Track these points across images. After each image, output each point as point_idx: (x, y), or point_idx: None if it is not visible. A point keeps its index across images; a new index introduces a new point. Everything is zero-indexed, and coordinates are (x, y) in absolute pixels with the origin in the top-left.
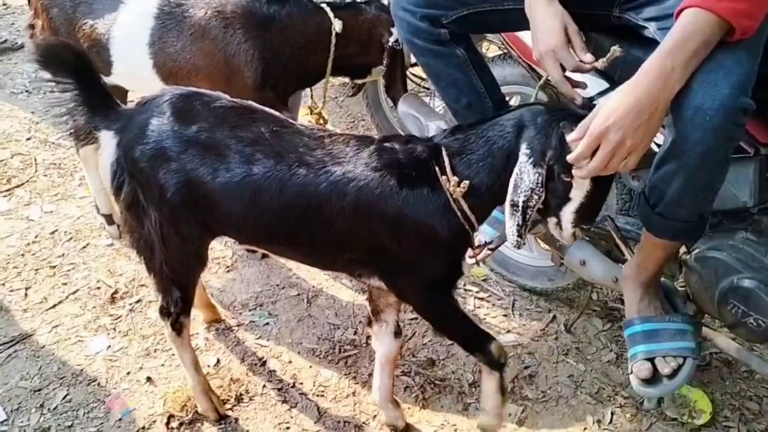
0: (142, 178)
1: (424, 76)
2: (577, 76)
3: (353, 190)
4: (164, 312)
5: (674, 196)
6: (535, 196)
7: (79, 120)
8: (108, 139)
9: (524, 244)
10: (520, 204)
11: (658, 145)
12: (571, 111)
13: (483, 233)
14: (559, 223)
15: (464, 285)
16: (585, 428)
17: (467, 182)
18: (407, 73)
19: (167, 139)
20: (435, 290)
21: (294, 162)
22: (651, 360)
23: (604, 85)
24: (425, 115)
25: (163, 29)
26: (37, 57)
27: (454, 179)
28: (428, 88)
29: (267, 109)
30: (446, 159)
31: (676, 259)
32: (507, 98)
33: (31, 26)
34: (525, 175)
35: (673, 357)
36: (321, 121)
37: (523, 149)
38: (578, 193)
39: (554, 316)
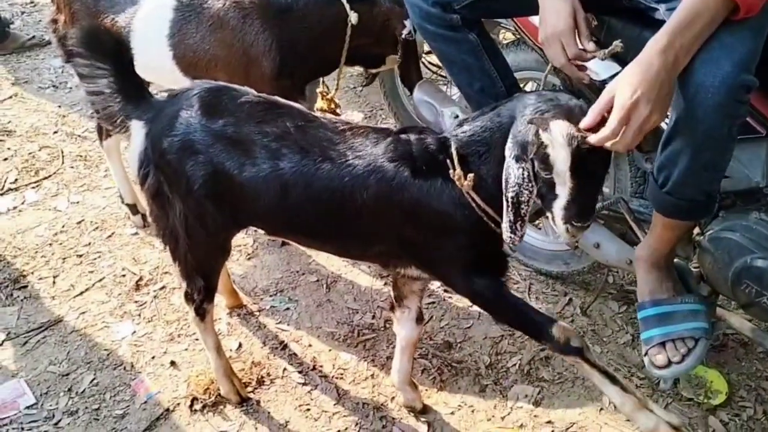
0: (169, 170)
1: (440, 63)
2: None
3: (373, 182)
4: (188, 298)
5: (681, 175)
6: (525, 192)
7: (113, 107)
8: (138, 129)
9: (519, 240)
10: (509, 199)
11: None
12: (559, 101)
13: None
14: (553, 219)
15: None
16: (601, 409)
17: (472, 175)
18: (422, 61)
19: (195, 132)
20: (475, 276)
21: (318, 156)
22: (663, 344)
23: (616, 68)
24: (440, 101)
25: (182, 21)
26: (78, 40)
27: (459, 172)
28: (444, 76)
29: (292, 103)
30: (454, 151)
31: (690, 241)
32: (522, 84)
33: (54, 21)
34: (510, 170)
35: (685, 340)
36: (332, 106)
37: (508, 144)
38: (562, 189)
39: (570, 299)
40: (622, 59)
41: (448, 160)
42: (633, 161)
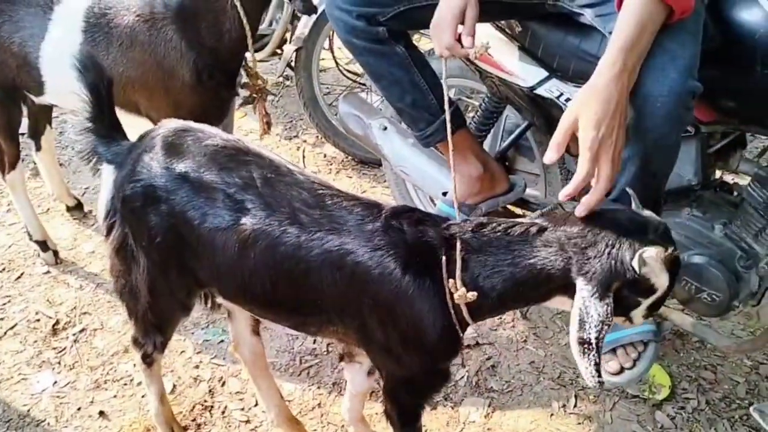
0: (133, 220)
1: (359, 71)
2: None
3: (350, 263)
4: (137, 345)
5: (628, 183)
6: (606, 327)
7: (85, 147)
8: (107, 174)
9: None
10: (593, 340)
11: None
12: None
13: None
14: (627, 320)
15: None
16: (552, 414)
17: (475, 294)
18: (340, 69)
19: (156, 177)
20: (411, 390)
21: (286, 218)
22: (614, 350)
23: (543, 74)
24: (367, 113)
25: (92, 43)
26: (81, 66)
27: (463, 290)
28: (364, 84)
29: (263, 151)
30: (459, 257)
31: None
32: (450, 91)
33: None
34: (592, 311)
35: (634, 344)
36: (258, 82)
37: (583, 285)
38: (653, 296)
39: None
40: (549, 64)
41: (444, 262)
42: (563, 164)
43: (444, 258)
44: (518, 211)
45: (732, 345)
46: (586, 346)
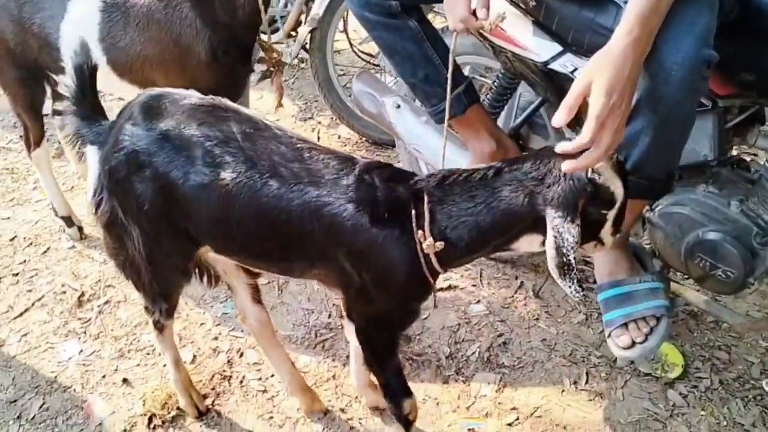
0: (120, 192)
1: (373, 52)
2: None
3: (327, 214)
4: (149, 312)
5: (642, 155)
6: (576, 245)
7: (69, 130)
8: (92, 155)
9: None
10: (572, 261)
11: None
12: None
13: None
14: (598, 243)
15: None
16: (563, 390)
17: (442, 243)
18: (355, 50)
19: (138, 142)
20: (381, 327)
21: (267, 171)
22: (626, 324)
23: (557, 48)
24: (380, 91)
25: (110, 23)
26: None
27: (430, 240)
28: (378, 65)
29: (240, 107)
30: (426, 210)
31: (640, 218)
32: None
33: None
34: (566, 234)
35: (646, 319)
36: (275, 55)
37: (553, 213)
38: (612, 211)
39: (522, 283)
40: (563, 38)
41: (414, 215)
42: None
43: (413, 211)
44: None
45: (746, 323)
46: (566, 268)
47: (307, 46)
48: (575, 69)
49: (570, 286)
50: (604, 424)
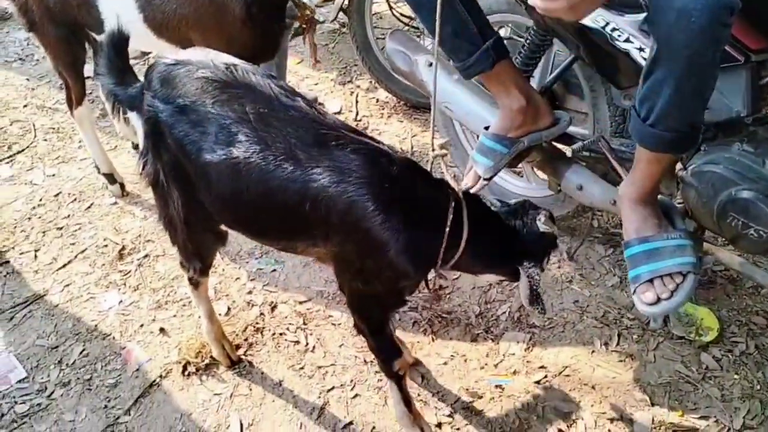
0: (157, 155)
1: (411, 15)
2: None
3: (345, 202)
4: (184, 268)
5: (664, 106)
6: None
7: (105, 91)
8: (135, 118)
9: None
10: (539, 292)
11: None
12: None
13: (477, 164)
14: None
15: None
16: (593, 351)
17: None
18: (394, 12)
19: (159, 113)
20: (373, 305)
21: (281, 153)
22: (652, 280)
23: None
24: (413, 50)
25: None
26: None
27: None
28: (417, 28)
29: (257, 83)
30: (466, 221)
31: (673, 176)
32: (496, 28)
33: None
34: (536, 277)
35: (673, 275)
36: (307, 12)
37: (527, 265)
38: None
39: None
40: None
41: (449, 222)
42: (611, 100)
43: (450, 217)
44: (562, 147)
45: None
46: (537, 298)
47: (346, 9)
48: (607, 23)
49: (539, 311)
50: (634, 384)
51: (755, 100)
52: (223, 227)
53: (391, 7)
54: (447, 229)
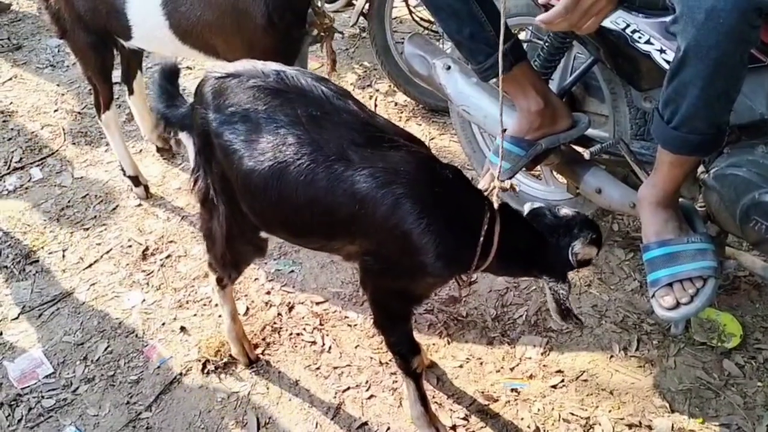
0: (208, 171)
1: (431, 19)
2: None
3: (394, 201)
4: (213, 270)
5: (690, 108)
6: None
7: (164, 125)
8: (185, 138)
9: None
10: (569, 306)
11: (667, 61)
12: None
13: (495, 167)
14: None
15: None
16: (611, 356)
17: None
18: (413, 16)
19: (209, 125)
20: (398, 301)
21: (333, 155)
22: (671, 285)
23: None
24: (431, 53)
25: None
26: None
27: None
28: (436, 32)
29: (308, 87)
30: (497, 227)
31: (695, 180)
32: (515, 31)
33: None
34: (560, 290)
35: (693, 280)
36: (326, 21)
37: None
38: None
39: None
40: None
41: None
42: (632, 102)
43: (486, 225)
44: (580, 149)
45: None
46: (566, 312)
47: (366, 14)
48: (627, 26)
49: (573, 324)
50: (653, 390)
51: None
52: (264, 235)
53: (410, 12)
54: (481, 239)
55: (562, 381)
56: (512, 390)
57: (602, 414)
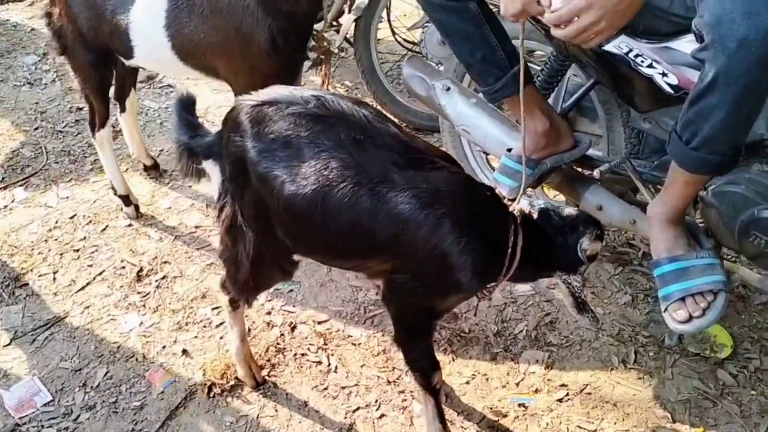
0: (239, 198)
1: (415, 40)
2: None
3: (436, 222)
4: (226, 290)
5: (712, 130)
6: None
7: (184, 157)
8: (211, 166)
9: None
10: (584, 299)
11: (669, 85)
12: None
13: (501, 185)
14: None
15: None
16: (611, 369)
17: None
18: (397, 38)
19: (246, 152)
20: (423, 316)
21: (376, 177)
22: (684, 299)
23: None
24: (430, 75)
25: (176, 10)
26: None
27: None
28: (419, 53)
29: (349, 111)
30: (520, 235)
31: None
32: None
33: (48, 14)
34: (573, 282)
35: (704, 294)
36: (325, 44)
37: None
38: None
39: None
40: None
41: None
42: (628, 122)
43: (511, 241)
44: (581, 169)
45: None
46: (581, 305)
47: (349, 36)
48: (630, 50)
49: (590, 319)
50: (654, 401)
51: None
52: (296, 258)
53: (394, 33)
54: (509, 251)
55: (567, 394)
56: (519, 405)
57: (608, 426)
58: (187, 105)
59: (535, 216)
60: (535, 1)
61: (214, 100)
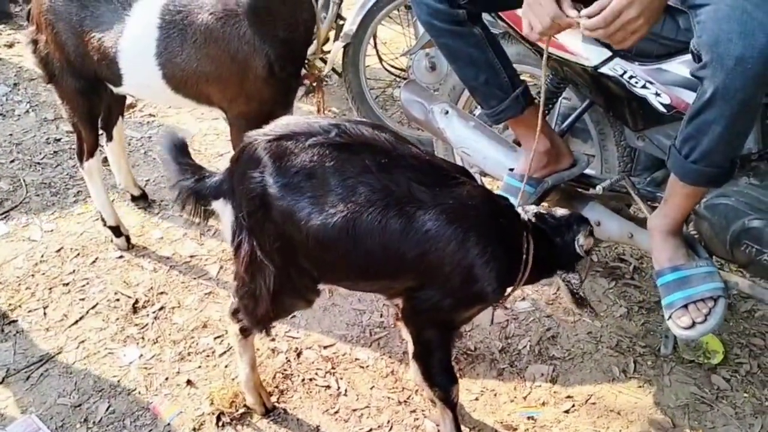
0: (258, 233)
1: (403, 67)
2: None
3: (459, 234)
4: (237, 319)
5: (711, 144)
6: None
7: (182, 195)
8: (221, 207)
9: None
10: (582, 295)
11: (662, 104)
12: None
13: None
14: None
15: None
16: (613, 379)
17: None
18: (384, 65)
19: (267, 187)
20: (443, 331)
21: (403, 198)
22: (686, 306)
23: (606, 53)
24: (427, 99)
25: (167, 39)
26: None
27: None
28: (406, 78)
29: (372, 137)
30: (531, 241)
31: None
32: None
33: (34, 42)
34: (572, 279)
35: (705, 300)
36: (316, 72)
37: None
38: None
39: None
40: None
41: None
42: (621, 141)
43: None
44: (578, 187)
45: None
46: (580, 301)
47: (335, 64)
48: (624, 72)
49: (589, 313)
50: (655, 408)
51: (765, 136)
52: (321, 287)
53: (381, 60)
54: (525, 258)
55: (573, 406)
56: (529, 418)
57: None
58: (180, 148)
59: (534, 221)
60: (564, 14)
61: (199, 129)
